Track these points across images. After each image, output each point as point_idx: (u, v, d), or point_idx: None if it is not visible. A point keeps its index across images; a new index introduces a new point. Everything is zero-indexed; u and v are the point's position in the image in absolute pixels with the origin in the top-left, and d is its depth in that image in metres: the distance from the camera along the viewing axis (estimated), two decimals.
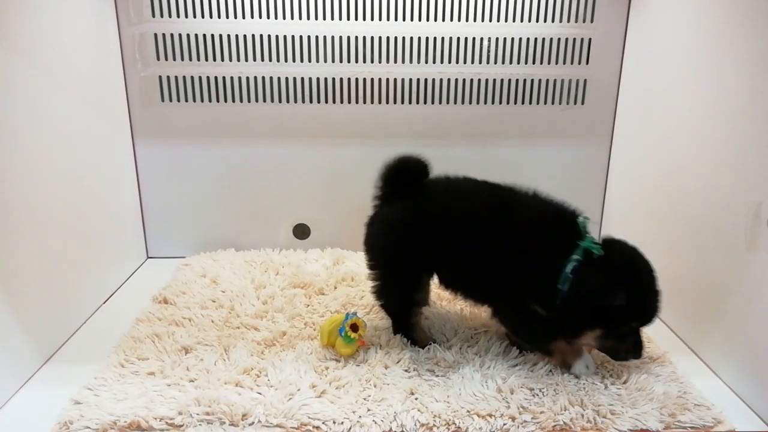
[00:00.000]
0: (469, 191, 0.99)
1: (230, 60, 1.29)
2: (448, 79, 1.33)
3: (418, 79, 1.32)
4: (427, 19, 1.28)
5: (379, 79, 1.32)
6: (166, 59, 1.29)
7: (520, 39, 1.30)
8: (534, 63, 1.32)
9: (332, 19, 1.27)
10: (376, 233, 1.02)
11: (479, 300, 0.99)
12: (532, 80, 1.33)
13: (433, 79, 1.32)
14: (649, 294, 0.86)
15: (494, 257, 0.91)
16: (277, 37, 1.28)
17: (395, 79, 1.32)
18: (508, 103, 1.35)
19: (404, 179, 1.02)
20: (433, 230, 0.95)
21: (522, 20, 1.28)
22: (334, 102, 1.33)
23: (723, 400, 0.88)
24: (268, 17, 1.27)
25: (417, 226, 0.96)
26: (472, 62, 1.31)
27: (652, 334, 1.05)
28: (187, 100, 1.32)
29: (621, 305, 0.83)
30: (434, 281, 1.06)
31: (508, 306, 0.94)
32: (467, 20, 1.28)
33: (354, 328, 0.96)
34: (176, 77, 1.30)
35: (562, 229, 0.90)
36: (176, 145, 1.35)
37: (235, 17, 1.26)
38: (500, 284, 0.92)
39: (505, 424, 0.81)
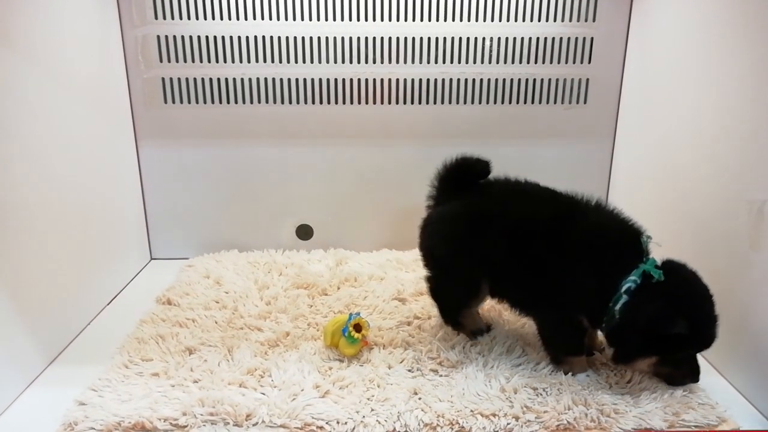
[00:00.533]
0: (529, 194, 0.96)
1: (233, 61, 1.30)
2: (450, 79, 1.33)
3: (420, 80, 1.32)
4: (429, 20, 1.28)
5: (381, 80, 1.32)
6: (169, 61, 1.29)
7: (522, 38, 1.30)
8: (536, 62, 1.32)
9: (334, 20, 1.27)
10: (431, 234, 1.00)
11: (524, 308, 0.95)
12: (535, 80, 1.33)
13: (436, 79, 1.33)
14: (708, 321, 0.83)
15: (548, 264, 0.88)
16: (279, 38, 1.28)
17: (397, 80, 1.32)
18: (510, 102, 1.35)
19: (463, 180, 0.99)
20: (488, 230, 0.92)
21: (524, 20, 1.28)
22: (336, 103, 1.34)
23: (727, 399, 0.88)
24: (271, 19, 1.27)
25: (473, 224, 0.93)
26: (474, 62, 1.31)
27: None
28: (190, 102, 1.32)
29: (680, 333, 0.80)
30: None
31: (551, 313, 0.92)
32: (469, 20, 1.28)
33: (357, 328, 0.96)
34: (179, 79, 1.31)
35: (624, 245, 0.86)
36: (179, 146, 1.36)
37: (238, 19, 1.27)
38: (549, 291, 0.89)
39: (508, 424, 0.81)
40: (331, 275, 1.27)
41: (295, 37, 1.28)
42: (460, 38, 1.29)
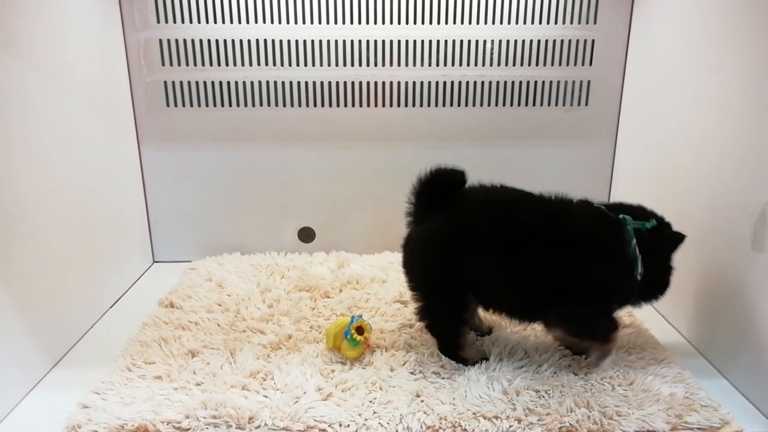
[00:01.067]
0: (510, 201, 0.94)
1: (234, 65, 1.30)
2: (452, 82, 1.33)
3: (422, 82, 1.33)
4: (430, 22, 1.28)
5: (383, 83, 1.33)
6: (171, 65, 1.30)
7: (523, 41, 1.30)
8: (537, 65, 1.32)
9: (335, 23, 1.28)
10: (413, 254, 0.96)
11: (530, 317, 0.95)
12: (536, 82, 1.33)
13: (437, 82, 1.33)
14: None
15: (557, 270, 0.89)
16: (281, 41, 1.29)
17: (399, 83, 1.33)
18: (511, 105, 1.35)
19: (440, 194, 0.95)
20: (476, 246, 0.90)
21: (525, 22, 1.29)
22: (338, 106, 1.34)
23: (730, 401, 0.88)
24: (272, 22, 1.27)
25: (457, 242, 0.91)
26: (476, 65, 1.32)
27: (657, 335, 1.05)
28: (192, 105, 1.33)
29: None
30: None
31: (583, 313, 0.92)
32: (470, 23, 1.29)
33: (359, 330, 0.96)
34: (181, 82, 1.31)
35: (609, 224, 0.91)
36: (181, 149, 1.36)
37: (239, 22, 1.27)
38: (571, 295, 0.90)
39: (511, 426, 0.81)
40: (333, 278, 1.27)
41: (296, 41, 1.29)
42: (461, 41, 1.30)
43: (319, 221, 1.44)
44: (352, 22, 1.28)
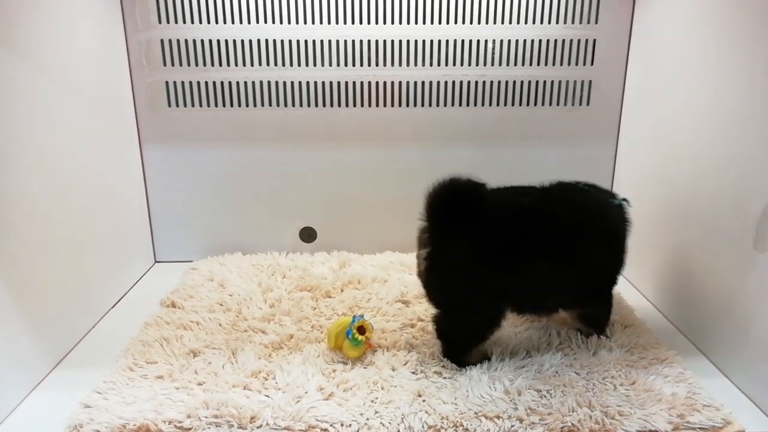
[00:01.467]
0: (531, 203, 0.93)
1: (236, 65, 1.30)
2: (453, 82, 1.33)
3: (423, 82, 1.33)
4: (431, 22, 1.28)
5: (384, 83, 1.33)
6: (173, 65, 1.30)
7: (525, 41, 1.30)
8: (539, 65, 1.32)
9: (337, 23, 1.28)
10: (444, 278, 0.91)
11: (563, 307, 1.02)
12: (537, 82, 1.33)
13: (438, 82, 1.33)
14: None
15: (590, 262, 0.95)
16: (282, 41, 1.29)
17: (400, 82, 1.33)
18: (513, 104, 1.35)
19: (458, 211, 0.88)
20: (512, 256, 0.89)
21: (526, 22, 1.29)
22: (339, 106, 1.34)
23: (732, 401, 0.88)
24: (273, 22, 1.27)
25: (493, 257, 0.88)
26: (477, 64, 1.32)
27: (659, 334, 1.05)
28: (193, 105, 1.33)
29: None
30: None
31: (610, 289, 1.03)
32: (471, 23, 1.29)
33: (361, 330, 0.96)
34: (182, 82, 1.31)
35: (608, 206, 1.00)
36: (183, 149, 1.36)
37: (241, 23, 1.27)
38: (602, 279, 1.00)
39: (513, 426, 0.81)
40: (334, 278, 1.27)
41: (297, 41, 1.29)
42: (463, 41, 1.30)
43: (320, 221, 1.44)
44: (353, 22, 1.28)
